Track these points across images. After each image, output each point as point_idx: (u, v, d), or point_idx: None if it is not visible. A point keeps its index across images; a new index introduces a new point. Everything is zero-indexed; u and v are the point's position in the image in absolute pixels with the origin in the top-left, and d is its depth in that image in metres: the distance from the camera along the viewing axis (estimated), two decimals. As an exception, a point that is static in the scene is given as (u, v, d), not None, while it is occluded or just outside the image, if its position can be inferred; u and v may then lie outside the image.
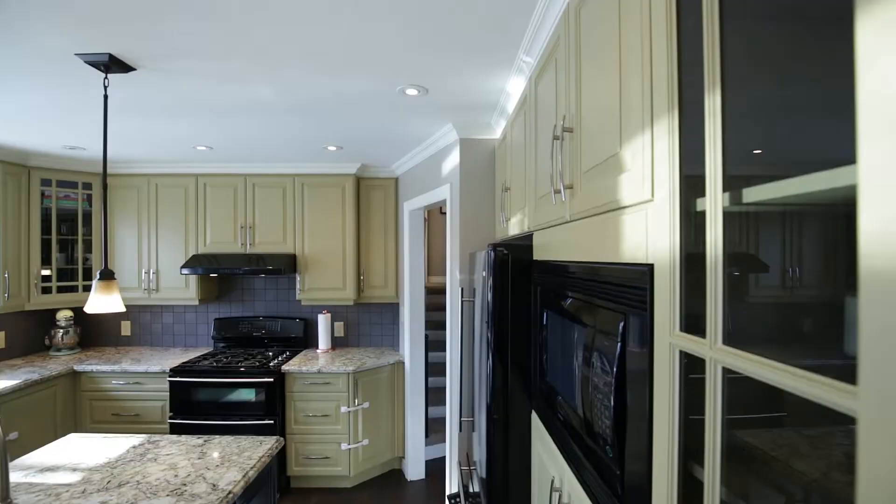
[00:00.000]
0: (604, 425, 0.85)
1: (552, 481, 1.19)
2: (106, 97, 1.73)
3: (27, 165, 3.33)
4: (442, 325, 5.07)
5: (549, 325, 1.31)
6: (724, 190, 0.56)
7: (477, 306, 2.19)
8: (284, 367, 3.29)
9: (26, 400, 2.94)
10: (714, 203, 0.57)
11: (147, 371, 3.30)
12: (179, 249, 3.65)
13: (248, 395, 3.24)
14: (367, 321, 4.01)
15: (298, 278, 3.65)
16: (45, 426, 3.08)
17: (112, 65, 1.69)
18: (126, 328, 3.98)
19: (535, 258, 1.52)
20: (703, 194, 0.61)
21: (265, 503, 1.98)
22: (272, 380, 3.23)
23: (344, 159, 3.50)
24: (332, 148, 3.09)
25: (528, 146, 1.62)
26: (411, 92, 2.02)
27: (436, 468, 3.69)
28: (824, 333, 0.48)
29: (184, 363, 3.34)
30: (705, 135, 0.58)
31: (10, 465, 1.80)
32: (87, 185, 3.60)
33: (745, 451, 0.56)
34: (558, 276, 1.21)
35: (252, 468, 1.79)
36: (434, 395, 4.33)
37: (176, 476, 1.73)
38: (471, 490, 2.23)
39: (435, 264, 6.20)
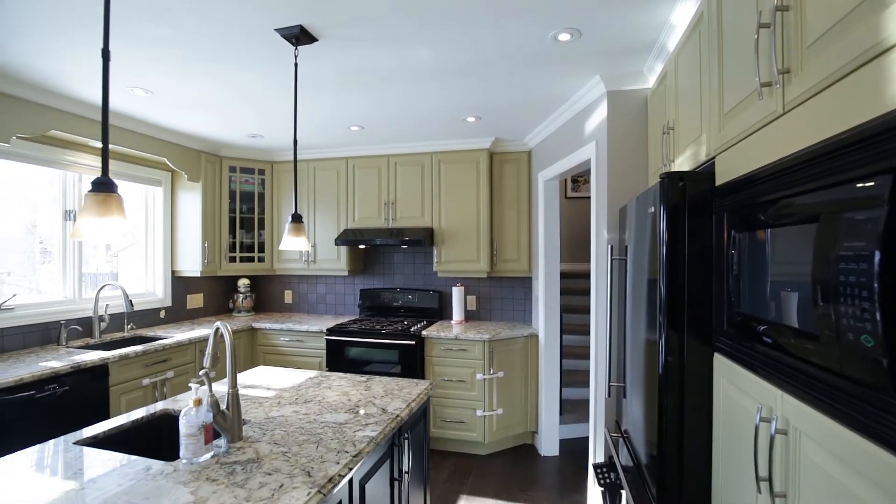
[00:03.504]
0: (858, 311, 0.73)
1: (758, 413, 1.05)
2: (296, 66, 2.00)
3: (219, 155, 4.00)
4: (569, 310, 4.90)
5: (743, 248, 1.17)
6: None
7: (629, 264, 2.06)
8: (424, 333, 3.47)
9: (219, 349, 3.52)
10: None
11: (308, 330, 3.74)
12: (332, 224, 4.07)
13: (391, 355, 3.48)
14: (499, 296, 4.04)
15: (435, 251, 3.83)
16: (233, 371, 3.66)
17: (301, 36, 1.95)
18: (288, 297, 4.56)
19: (717, 184, 1.38)
20: None
21: (421, 438, 2.10)
22: (413, 343, 3.43)
23: (479, 133, 3.58)
24: (471, 119, 3.18)
25: (707, 66, 1.48)
26: (564, 37, 1.99)
27: (569, 447, 3.57)
28: None
29: (338, 324, 3.73)
30: None
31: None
32: (262, 171, 4.21)
33: None
34: (761, 185, 1.08)
35: (414, 400, 1.91)
36: (565, 377, 4.20)
37: (349, 400, 1.91)
38: (620, 461, 2.10)
39: (561, 249, 6.01)
